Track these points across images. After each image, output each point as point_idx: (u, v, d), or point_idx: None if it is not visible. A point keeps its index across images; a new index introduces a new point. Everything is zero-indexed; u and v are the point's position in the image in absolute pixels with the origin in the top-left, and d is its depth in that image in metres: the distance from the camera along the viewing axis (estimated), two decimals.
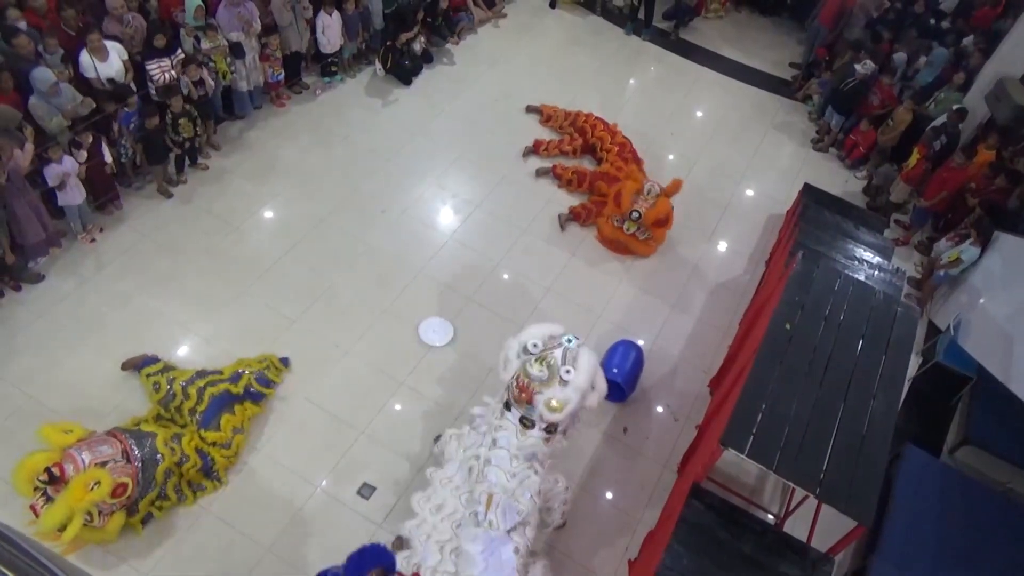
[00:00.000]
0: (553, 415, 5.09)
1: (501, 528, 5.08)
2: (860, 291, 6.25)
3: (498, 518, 5.08)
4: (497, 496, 5.13)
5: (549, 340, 5.28)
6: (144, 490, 5.58)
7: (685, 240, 9.00)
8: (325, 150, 9.17)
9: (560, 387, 5.08)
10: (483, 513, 5.11)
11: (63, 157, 6.87)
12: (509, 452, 5.24)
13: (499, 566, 5.04)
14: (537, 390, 5.10)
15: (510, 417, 5.31)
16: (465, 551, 5.12)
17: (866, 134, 10.28)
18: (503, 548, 5.08)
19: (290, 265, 7.78)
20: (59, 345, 6.71)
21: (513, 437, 5.27)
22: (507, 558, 5.08)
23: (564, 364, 5.13)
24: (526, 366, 5.17)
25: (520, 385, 5.17)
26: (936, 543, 5.96)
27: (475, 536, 5.11)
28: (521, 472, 5.22)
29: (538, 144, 9.73)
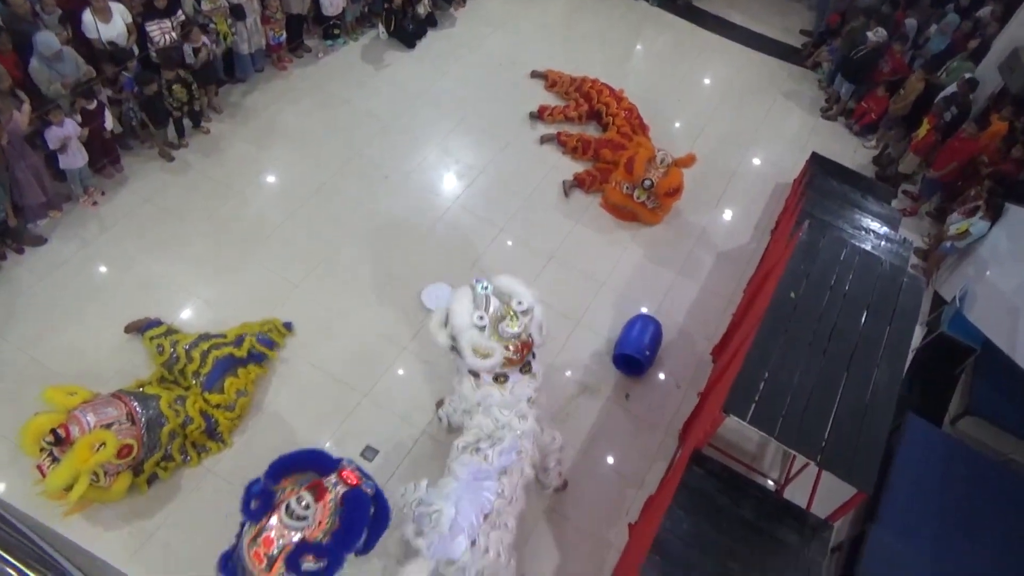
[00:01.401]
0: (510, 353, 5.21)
1: (495, 464, 5.16)
2: (866, 261, 6.21)
3: (494, 455, 5.17)
4: (504, 434, 5.26)
5: (476, 304, 5.28)
6: (149, 451, 5.62)
7: (691, 208, 8.94)
8: (327, 114, 9.08)
9: (524, 317, 5.25)
10: (485, 448, 5.21)
11: (64, 120, 6.81)
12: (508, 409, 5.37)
13: (476, 493, 5.08)
14: (525, 339, 5.23)
15: (483, 383, 5.41)
16: (451, 469, 5.22)
17: (879, 100, 10.14)
18: (487, 482, 5.15)
19: (293, 230, 7.75)
20: (62, 308, 6.71)
21: (498, 394, 5.38)
22: (487, 491, 5.12)
23: (506, 303, 5.25)
24: (504, 331, 5.22)
25: (515, 350, 5.23)
26: (935, 511, 6.00)
27: (466, 462, 5.19)
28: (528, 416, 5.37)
29: (543, 109, 9.63)
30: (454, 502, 4.95)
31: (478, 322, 5.19)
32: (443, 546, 4.88)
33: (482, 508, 5.04)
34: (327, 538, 4.17)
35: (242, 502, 4.30)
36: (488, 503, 5.08)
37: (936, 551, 5.75)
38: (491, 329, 5.22)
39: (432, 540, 4.86)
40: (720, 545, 4.76)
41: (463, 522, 4.93)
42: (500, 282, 5.42)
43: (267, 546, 4.10)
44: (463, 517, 4.93)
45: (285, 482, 4.33)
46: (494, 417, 5.38)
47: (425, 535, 4.91)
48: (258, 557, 4.09)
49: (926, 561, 5.69)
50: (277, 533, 4.12)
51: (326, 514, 4.21)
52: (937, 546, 5.79)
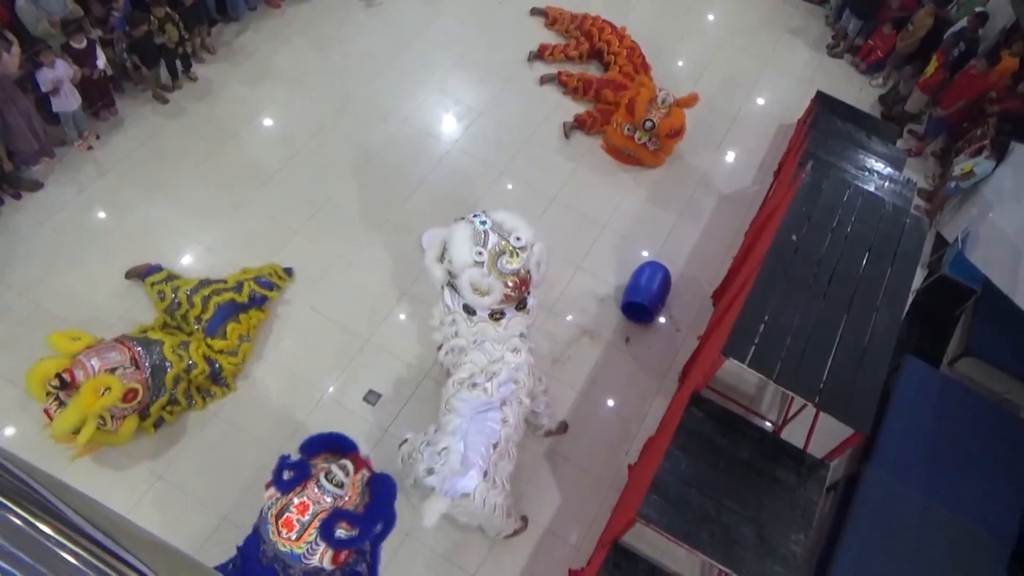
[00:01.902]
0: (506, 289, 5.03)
1: (495, 396, 5.20)
2: (869, 202, 6.16)
3: (493, 387, 5.20)
4: (499, 367, 5.28)
5: (473, 240, 5.03)
6: (154, 396, 5.69)
7: (693, 150, 8.83)
8: (323, 54, 8.89)
9: (523, 253, 5.05)
10: (482, 382, 5.23)
11: (55, 61, 6.66)
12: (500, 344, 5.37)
13: (482, 424, 5.12)
14: (523, 275, 5.10)
15: (481, 318, 5.32)
16: (452, 405, 5.23)
17: (886, 37, 9.90)
18: (491, 412, 5.19)
19: (291, 174, 7.68)
20: (62, 254, 6.70)
21: (493, 331, 5.34)
22: (492, 421, 5.18)
23: (504, 238, 5.04)
24: (503, 266, 5.01)
25: (514, 286, 5.07)
26: (930, 450, 6.10)
27: (466, 397, 5.23)
28: (520, 349, 5.39)
29: (543, 49, 9.42)
30: (461, 437, 5.01)
31: (477, 257, 4.94)
32: (456, 481, 4.95)
33: (490, 438, 5.11)
34: (360, 509, 4.25)
35: (274, 473, 4.31)
36: (495, 432, 5.14)
37: (929, 489, 5.87)
38: (489, 265, 4.97)
39: (444, 476, 4.91)
40: (718, 485, 4.85)
41: (473, 456, 4.99)
42: (498, 216, 5.16)
43: (301, 512, 4.15)
44: (473, 451, 5.00)
45: (318, 459, 4.43)
46: (486, 351, 5.37)
47: (437, 473, 4.96)
48: (288, 525, 4.15)
49: (919, 498, 5.81)
50: (312, 499, 4.17)
51: (355, 491, 4.27)
52: (930, 484, 5.90)
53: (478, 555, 5.77)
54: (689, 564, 5.94)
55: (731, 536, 4.64)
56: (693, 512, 4.71)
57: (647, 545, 5.73)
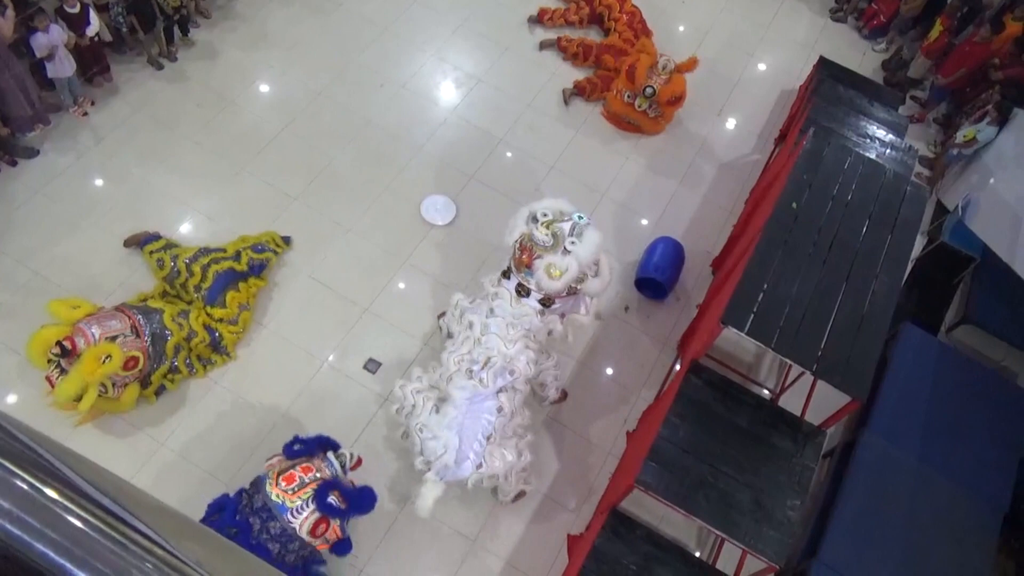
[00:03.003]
0: (551, 283, 5.18)
1: (490, 387, 5.31)
2: (870, 169, 6.13)
3: (489, 377, 5.30)
4: (495, 358, 5.32)
5: (559, 214, 5.31)
6: (155, 364, 5.72)
7: (694, 116, 8.75)
8: (320, 19, 8.76)
9: (562, 255, 5.18)
10: (478, 371, 5.32)
11: (50, 26, 6.57)
12: (504, 320, 5.40)
13: (477, 414, 5.31)
14: (538, 254, 5.19)
15: (507, 284, 5.43)
16: (450, 395, 5.36)
17: (889, 2, 9.76)
18: (486, 402, 5.35)
19: (288, 140, 7.62)
20: (59, 221, 6.68)
21: (508, 304, 5.41)
22: (488, 410, 5.35)
23: (570, 235, 5.20)
24: (532, 230, 5.24)
25: (523, 247, 5.26)
26: (926, 417, 6.15)
27: (463, 386, 5.35)
28: (518, 341, 5.39)
29: (543, 13, 9.28)
30: (456, 431, 5.22)
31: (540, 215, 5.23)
32: (452, 472, 5.25)
33: (483, 431, 5.30)
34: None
35: (285, 445, 4.90)
36: (488, 425, 5.32)
37: (924, 455, 5.93)
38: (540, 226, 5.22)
39: (439, 468, 5.22)
40: (715, 452, 4.90)
41: (467, 449, 5.23)
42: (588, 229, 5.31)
43: (305, 471, 4.63)
44: (466, 444, 5.23)
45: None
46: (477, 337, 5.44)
47: (433, 465, 5.24)
48: (290, 479, 4.60)
49: (914, 464, 5.87)
50: (317, 466, 4.70)
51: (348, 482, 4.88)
52: (925, 450, 5.96)
53: (478, 521, 5.84)
54: (687, 530, 6.02)
55: (728, 502, 4.70)
56: (691, 478, 4.76)
57: (646, 511, 5.80)
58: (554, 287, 5.21)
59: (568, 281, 5.21)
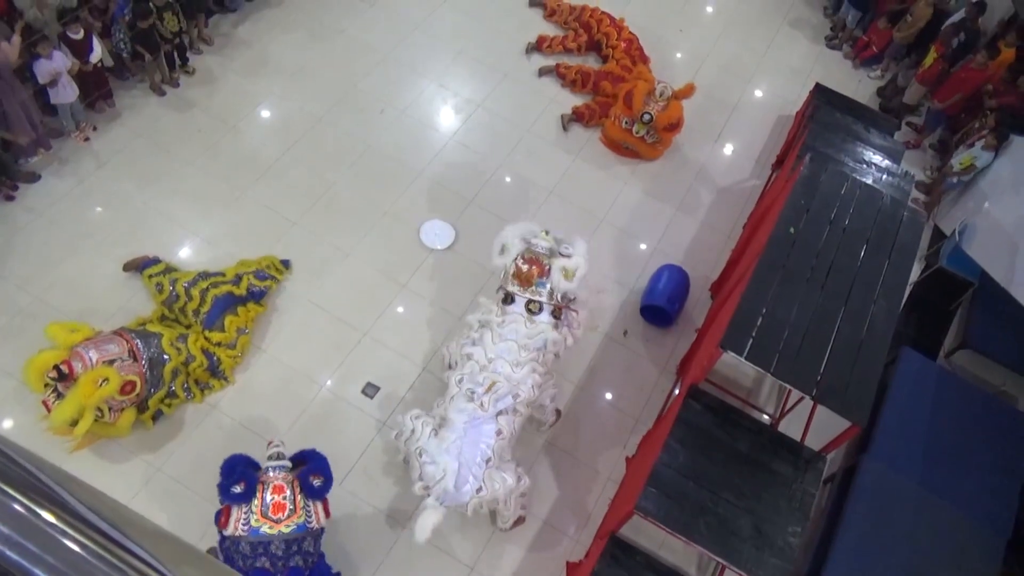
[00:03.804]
0: (568, 283, 5.50)
1: (489, 411, 5.35)
2: (867, 195, 6.16)
3: (489, 401, 5.34)
4: (499, 383, 5.35)
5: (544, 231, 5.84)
6: (152, 388, 5.69)
7: (691, 142, 8.82)
8: (321, 45, 8.86)
9: (566, 259, 5.59)
10: (479, 394, 5.34)
11: (53, 52, 6.63)
12: (517, 343, 5.45)
13: (476, 438, 5.32)
14: (546, 262, 5.50)
15: (514, 308, 5.53)
16: (449, 419, 5.37)
17: (881, 33, 9.89)
18: (485, 426, 5.36)
19: (289, 165, 7.66)
20: (60, 245, 6.69)
21: (521, 327, 5.49)
22: (487, 434, 5.35)
23: (560, 244, 5.66)
24: (532, 241, 5.53)
25: (528, 260, 5.47)
26: (927, 442, 6.12)
27: (463, 408, 5.37)
28: (526, 364, 5.44)
29: (541, 40, 9.39)
30: (456, 455, 5.20)
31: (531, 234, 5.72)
32: (452, 497, 5.22)
33: (482, 455, 5.28)
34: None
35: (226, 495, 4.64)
36: (487, 448, 5.30)
37: (925, 480, 5.89)
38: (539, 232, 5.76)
39: (439, 494, 5.18)
40: (715, 477, 4.87)
41: (466, 473, 5.21)
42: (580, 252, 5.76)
43: (280, 492, 4.60)
44: (466, 468, 5.21)
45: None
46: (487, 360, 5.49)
47: (432, 490, 5.21)
48: (279, 508, 4.56)
49: (915, 489, 5.84)
50: (279, 479, 4.71)
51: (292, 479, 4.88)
52: (926, 476, 5.92)
53: (476, 548, 5.79)
54: (687, 556, 5.96)
55: (728, 528, 4.66)
56: (691, 504, 4.72)
57: (645, 537, 5.75)
58: (571, 286, 5.58)
59: (580, 279, 5.55)
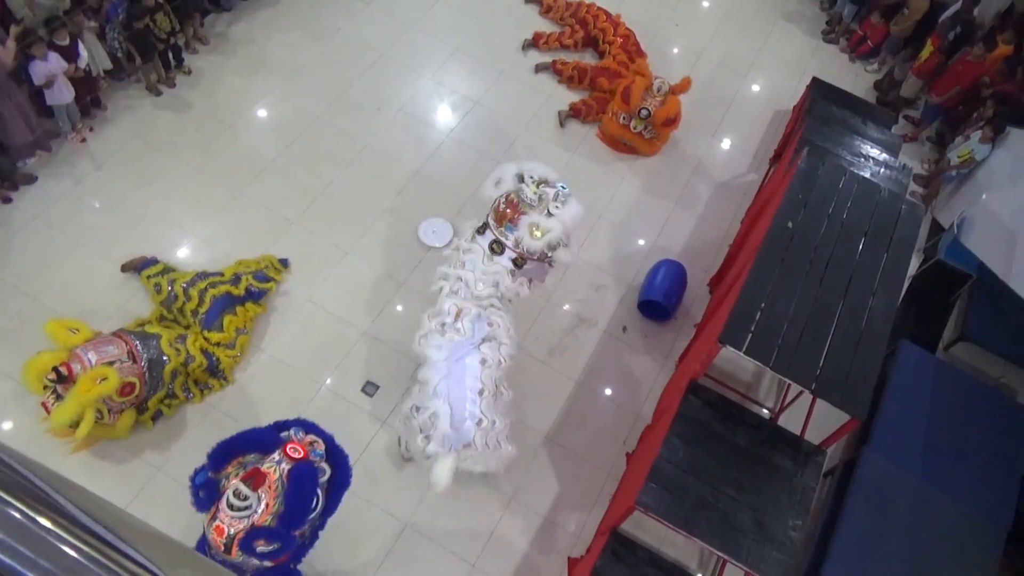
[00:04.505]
0: (531, 241, 5.27)
1: (470, 334, 5.20)
2: (865, 188, 6.16)
3: (466, 326, 5.21)
4: (466, 308, 5.28)
5: (545, 179, 5.47)
6: (152, 390, 5.69)
7: (689, 137, 8.81)
8: (317, 44, 8.84)
9: (546, 217, 5.32)
10: (451, 323, 5.22)
11: (48, 54, 6.62)
12: (475, 275, 5.40)
13: (461, 374, 5.13)
14: (524, 211, 5.30)
15: (480, 241, 5.46)
16: (428, 358, 5.23)
17: (876, 27, 9.87)
18: (468, 359, 5.19)
19: (286, 165, 7.65)
20: (57, 246, 6.68)
21: (480, 261, 5.42)
22: (471, 365, 5.18)
23: (555, 201, 5.36)
24: (522, 187, 5.33)
25: (509, 202, 5.33)
26: (926, 435, 6.13)
27: (440, 344, 5.23)
28: (488, 298, 5.39)
29: (538, 37, 9.38)
30: (444, 398, 5.08)
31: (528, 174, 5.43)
32: (455, 439, 5.08)
33: (473, 389, 5.15)
34: (275, 521, 4.08)
35: (190, 493, 4.24)
36: (476, 380, 5.16)
37: (925, 473, 5.90)
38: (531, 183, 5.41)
39: (440, 439, 5.05)
40: (715, 472, 4.87)
41: (461, 412, 5.10)
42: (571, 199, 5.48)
43: (220, 534, 4.06)
44: (458, 407, 5.09)
45: (229, 467, 4.24)
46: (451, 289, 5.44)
47: (433, 438, 5.08)
48: (215, 542, 4.09)
49: (915, 482, 5.85)
50: (226, 522, 4.06)
51: (273, 496, 4.09)
52: (926, 468, 5.93)
53: (478, 545, 5.80)
54: (688, 551, 5.98)
55: (729, 523, 4.67)
56: (691, 499, 4.73)
57: (646, 533, 5.76)
58: (534, 246, 5.31)
59: (548, 242, 5.32)
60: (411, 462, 5.88)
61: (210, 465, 4.21)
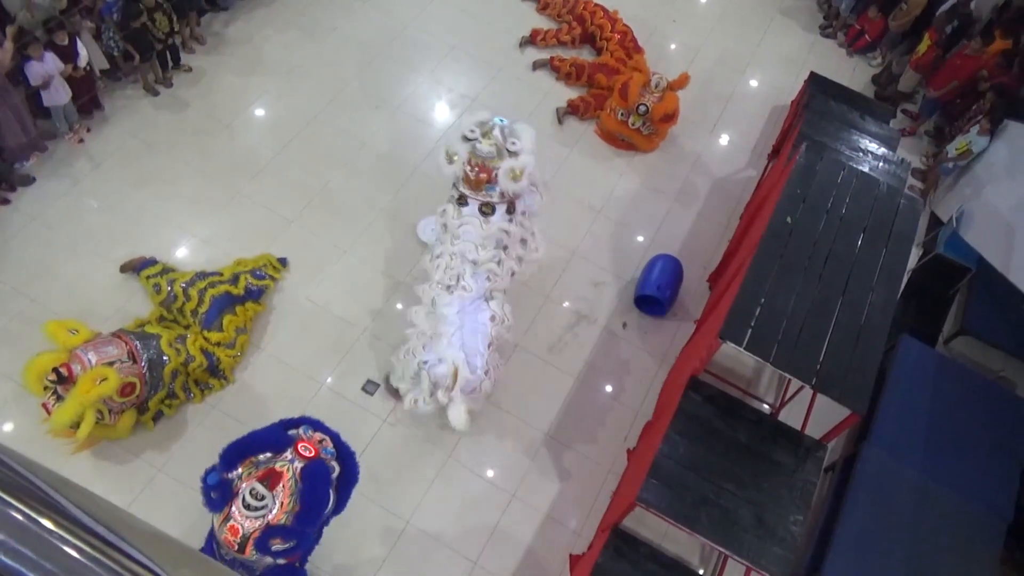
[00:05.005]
0: (516, 185, 5.33)
1: (475, 290, 5.47)
2: (863, 183, 6.16)
3: (470, 282, 5.48)
4: (463, 269, 5.53)
5: (482, 125, 5.42)
6: (152, 390, 5.69)
7: (687, 133, 8.81)
8: (314, 43, 8.83)
9: (512, 158, 5.34)
10: (455, 284, 5.51)
11: (44, 55, 6.60)
12: (474, 243, 5.52)
13: (474, 326, 5.47)
14: (493, 165, 5.32)
15: (468, 211, 5.52)
16: (441, 314, 5.51)
17: (873, 22, 9.86)
18: (479, 312, 5.52)
19: (284, 164, 7.64)
20: (56, 247, 6.67)
21: (477, 229, 5.50)
22: (482, 320, 5.51)
23: (509, 140, 5.37)
24: (475, 146, 5.32)
25: (476, 166, 5.34)
26: (927, 429, 6.13)
27: (449, 301, 5.50)
28: (488, 257, 5.57)
29: (535, 34, 9.37)
30: (459, 346, 5.40)
31: (469, 133, 5.33)
32: (471, 383, 5.45)
33: (484, 340, 5.51)
34: (290, 520, 4.10)
35: (202, 494, 4.20)
36: (486, 331, 5.52)
37: (926, 467, 5.91)
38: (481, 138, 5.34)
39: (463, 384, 5.34)
40: (716, 468, 4.88)
41: (475, 358, 5.44)
42: (519, 127, 5.48)
43: (234, 533, 4.08)
44: (473, 356, 5.43)
45: (241, 467, 4.24)
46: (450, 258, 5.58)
47: (442, 387, 5.37)
48: (228, 542, 4.10)
49: (916, 476, 5.85)
50: (241, 521, 4.07)
51: (287, 495, 4.11)
52: (927, 462, 5.94)
53: (479, 542, 5.80)
54: (690, 547, 5.98)
55: (730, 518, 4.67)
56: (692, 495, 4.73)
57: (648, 529, 5.77)
58: (520, 187, 5.38)
59: (528, 176, 5.39)
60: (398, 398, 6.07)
61: (222, 466, 4.21)
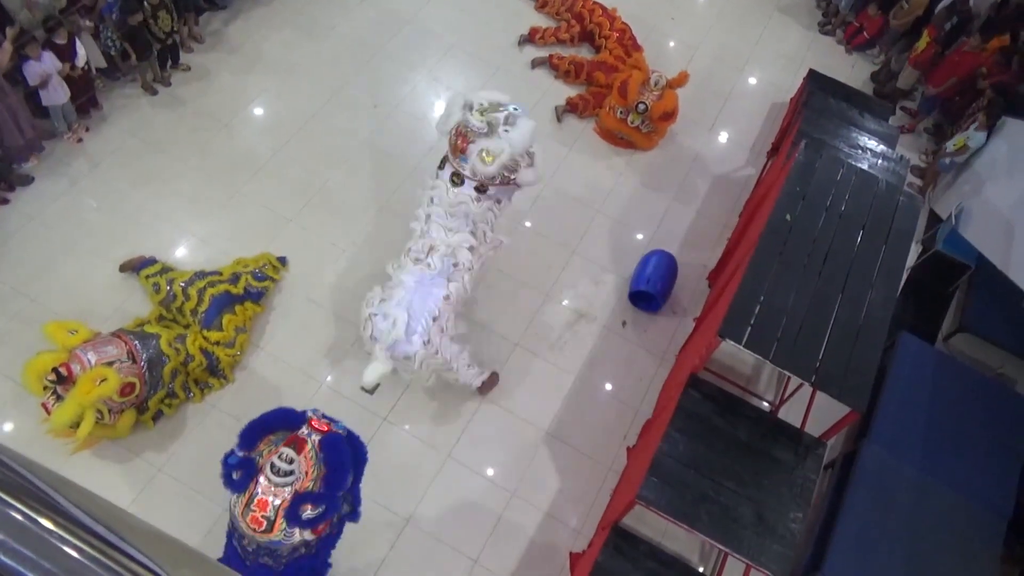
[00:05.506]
0: (484, 167, 5.37)
1: (436, 268, 5.63)
2: (863, 180, 6.16)
3: (436, 261, 5.62)
4: (438, 246, 5.66)
5: (495, 105, 5.47)
6: (152, 389, 5.69)
7: (686, 131, 8.80)
8: (312, 42, 8.82)
9: (496, 141, 5.37)
10: (423, 258, 5.66)
11: (43, 54, 6.60)
12: (443, 208, 5.67)
13: (425, 295, 5.60)
14: (472, 139, 5.38)
15: (442, 175, 5.69)
16: (397, 280, 5.67)
17: (872, 19, 9.85)
18: (435, 288, 5.66)
19: (283, 163, 7.64)
20: (55, 247, 6.67)
21: (444, 194, 5.64)
22: (436, 295, 5.64)
23: (504, 124, 5.42)
24: (467, 115, 5.41)
25: (459, 132, 5.43)
26: (926, 426, 6.14)
27: (412, 271, 5.67)
28: (457, 227, 5.68)
29: (534, 32, 9.36)
30: (406, 307, 5.54)
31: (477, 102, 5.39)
32: (401, 347, 5.54)
33: (430, 312, 5.61)
34: (318, 485, 4.16)
35: (223, 476, 4.22)
36: (435, 307, 5.64)
37: (925, 464, 5.91)
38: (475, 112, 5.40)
39: (390, 342, 5.47)
40: (716, 465, 4.88)
41: (415, 324, 5.54)
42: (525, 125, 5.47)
43: (263, 508, 4.08)
44: (415, 320, 5.54)
45: (260, 446, 4.29)
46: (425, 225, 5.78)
47: (380, 340, 5.52)
48: (256, 521, 4.09)
49: (915, 474, 5.85)
50: (269, 494, 4.11)
51: (310, 464, 4.18)
52: (926, 460, 5.94)
53: (479, 541, 5.81)
54: (690, 545, 5.99)
55: (730, 516, 4.68)
56: (692, 493, 4.74)
57: (648, 527, 5.77)
58: (488, 171, 5.41)
59: (500, 165, 5.41)
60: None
61: (242, 444, 4.26)
